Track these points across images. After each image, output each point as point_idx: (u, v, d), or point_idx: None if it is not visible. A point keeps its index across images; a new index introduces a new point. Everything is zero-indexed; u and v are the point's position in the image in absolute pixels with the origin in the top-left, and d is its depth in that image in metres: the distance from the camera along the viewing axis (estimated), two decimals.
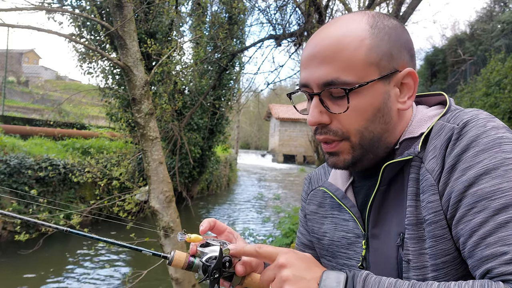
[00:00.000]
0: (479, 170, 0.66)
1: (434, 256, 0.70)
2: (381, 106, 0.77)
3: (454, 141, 0.70)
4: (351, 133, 0.77)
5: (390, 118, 0.79)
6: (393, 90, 0.78)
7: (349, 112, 0.75)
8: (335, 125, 0.77)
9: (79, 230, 0.79)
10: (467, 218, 0.66)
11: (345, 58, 0.74)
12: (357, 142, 0.78)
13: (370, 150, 0.79)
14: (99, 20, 3.25)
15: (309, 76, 0.77)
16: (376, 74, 0.75)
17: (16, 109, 18.26)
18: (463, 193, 0.66)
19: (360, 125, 0.77)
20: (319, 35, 0.79)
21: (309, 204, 1.00)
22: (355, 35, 0.76)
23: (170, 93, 6.71)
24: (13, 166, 7.61)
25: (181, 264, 0.76)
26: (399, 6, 5.98)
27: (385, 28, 0.77)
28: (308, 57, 0.78)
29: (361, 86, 0.74)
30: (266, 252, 0.73)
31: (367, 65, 0.75)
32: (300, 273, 0.69)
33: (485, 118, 0.71)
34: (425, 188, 0.72)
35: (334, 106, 0.77)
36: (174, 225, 3.44)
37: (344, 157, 0.79)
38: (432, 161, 0.72)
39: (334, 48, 0.75)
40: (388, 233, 0.78)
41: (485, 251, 0.62)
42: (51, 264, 6.74)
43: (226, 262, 0.74)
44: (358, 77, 0.74)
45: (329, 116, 0.77)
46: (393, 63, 0.77)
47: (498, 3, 16.05)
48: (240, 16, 8.13)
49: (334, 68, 0.74)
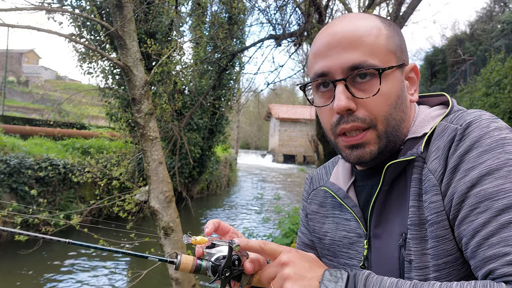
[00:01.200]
0: (482, 171, 0.66)
1: (436, 256, 0.70)
2: (400, 93, 0.79)
3: (457, 141, 0.70)
4: (379, 120, 0.76)
5: (407, 107, 0.80)
6: (405, 81, 0.81)
7: (377, 96, 0.75)
8: (361, 112, 0.76)
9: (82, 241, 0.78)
10: (470, 218, 0.66)
11: (369, 43, 0.75)
12: (384, 130, 0.77)
13: (392, 140, 0.78)
14: (99, 20, 3.25)
15: (332, 63, 0.76)
16: (394, 61, 0.78)
17: (16, 109, 18.26)
18: (466, 194, 0.66)
19: (386, 110, 0.76)
20: (335, 26, 0.79)
21: (310, 203, 1.00)
22: (373, 24, 0.78)
23: (170, 93, 6.71)
24: (13, 166, 7.60)
25: (189, 267, 0.75)
26: (399, 6, 5.98)
27: (391, 24, 0.81)
28: (327, 45, 0.77)
29: (390, 69, 0.76)
30: (270, 249, 0.73)
31: (388, 52, 0.77)
32: (301, 271, 0.69)
33: (488, 119, 0.71)
34: (428, 189, 0.72)
35: (359, 92, 0.76)
36: (174, 225, 3.44)
37: (371, 148, 0.77)
38: (435, 162, 0.72)
39: (359, 34, 0.76)
40: (390, 233, 0.78)
41: (488, 252, 0.62)
42: (51, 264, 6.74)
43: (235, 260, 0.74)
44: (382, 62, 0.76)
45: (355, 102, 0.76)
46: (403, 56, 0.80)
47: (498, 3, 16.06)
48: (240, 16, 8.12)
49: (360, 52, 0.75)
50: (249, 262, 0.74)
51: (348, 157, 0.80)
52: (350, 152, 0.79)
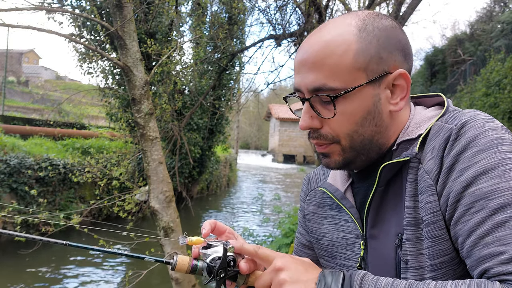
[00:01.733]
0: (477, 170, 0.66)
1: (432, 256, 0.71)
2: (371, 109, 0.77)
3: (452, 141, 0.70)
4: (341, 137, 0.79)
5: (382, 120, 0.79)
6: (384, 93, 0.78)
7: (338, 116, 0.77)
8: (325, 129, 0.79)
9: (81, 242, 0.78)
10: (465, 218, 0.66)
11: (332, 64, 0.75)
12: (347, 145, 0.79)
13: (362, 152, 0.80)
14: (99, 20, 3.25)
15: (300, 81, 0.79)
16: (363, 78, 0.76)
17: (16, 109, 18.28)
18: (461, 193, 0.67)
19: (349, 129, 0.78)
20: (310, 40, 0.80)
21: (308, 204, 1.00)
22: (342, 39, 0.76)
23: (170, 93, 6.72)
24: (13, 166, 7.61)
25: (185, 268, 0.75)
26: (399, 6, 5.98)
27: (374, 30, 0.77)
28: (299, 62, 0.80)
29: (346, 93, 0.75)
30: (264, 254, 0.73)
31: (354, 70, 0.75)
32: (297, 275, 0.69)
33: (484, 119, 0.71)
34: (424, 189, 0.72)
35: (324, 111, 0.78)
36: (174, 225, 3.44)
37: (335, 158, 0.81)
38: (430, 162, 0.73)
39: (322, 54, 0.76)
40: (386, 234, 0.78)
41: (483, 251, 0.63)
42: (51, 264, 6.74)
43: (230, 261, 0.74)
44: (345, 83, 0.75)
45: (320, 120, 0.79)
46: (382, 66, 0.77)
47: (498, 3, 16.06)
48: (240, 16, 8.13)
49: (322, 74, 0.76)
50: (244, 263, 0.74)
51: (320, 161, 0.85)
52: (321, 158, 0.84)
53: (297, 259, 0.73)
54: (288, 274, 0.69)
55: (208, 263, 0.74)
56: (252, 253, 0.74)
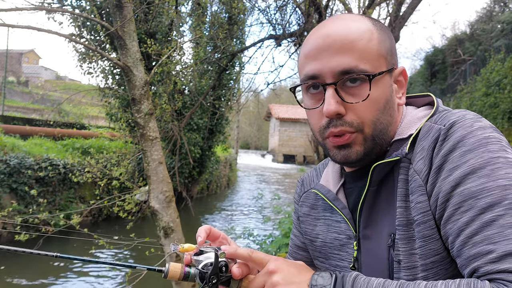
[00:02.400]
0: (466, 170, 0.66)
1: (424, 256, 0.71)
2: (389, 98, 0.79)
3: (441, 141, 0.70)
4: (366, 124, 0.77)
5: (394, 111, 0.81)
6: (393, 85, 0.81)
7: (366, 101, 0.75)
8: (350, 116, 0.76)
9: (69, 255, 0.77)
10: (454, 217, 0.66)
11: (361, 48, 0.75)
12: (370, 134, 0.77)
13: (379, 143, 0.79)
14: (99, 20, 3.26)
15: (322, 66, 0.76)
16: (385, 66, 0.78)
17: (16, 109, 18.27)
18: (450, 193, 0.67)
19: (374, 115, 0.77)
20: (327, 28, 0.79)
21: (301, 206, 1.00)
22: (366, 27, 0.78)
23: (170, 93, 6.71)
24: (13, 166, 7.61)
25: (177, 275, 0.76)
26: (399, 6, 5.99)
27: (382, 27, 0.81)
28: (318, 48, 0.77)
29: (380, 74, 0.76)
30: (257, 258, 0.73)
31: (379, 57, 0.77)
32: (289, 277, 0.69)
33: (472, 118, 0.71)
34: (414, 189, 0.73)
35: (349, 97, 0.76)
36: (174, 225, 3.44)
37: (357, 148, 0.78)
38: (420, 162, 0.73)
39: (352, 37, 0.75)
40: (379, 234, 0.79)
41: (472, 250, 0.63)
42: (51, 264, 6.74)
43: (223, 266, 0.74)
44: (373, 67, 0.76)
45: (344, 107, 0.76)
46: (392, 60, 0.80)
47: (498, 3, 16.06)
48: (240, 16, 8.13)
49: (352, 57, 0.75)
50: (237, 267, 0.74)
51: (335, 156, 0.80)
52: (337, 152, 0.79)
53: (290, 262, 0.73)
54: (281, 276, 0.69)
55: (200, 270, 0.74)
56: (246, 257, 0.74)
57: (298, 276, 0.70)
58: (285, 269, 0.70)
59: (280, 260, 0.72)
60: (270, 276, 0.70)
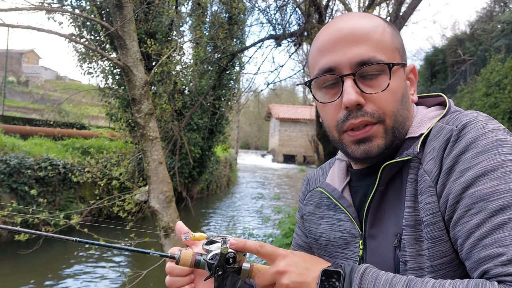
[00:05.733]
0: (477, 172, 0.65)
1: (432, 257, 0.70)
2: (404, 91, 0.79)
3: (453, 142, 0.70)
4: (387, 115, 0.76)
5: (410, 106, 0.81)
6: (406, 81, 0.82)
7: (385, 92, 0.75)
8: (370, 106, 0.75)
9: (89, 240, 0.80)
10: (464, 219, 0.65)
11: (377, 39, 0.76)
12: (391, 125, 0.76)
13: (398, 137, 0.78)
14: (99, 20, 3.25)
15: (339, 58, 0.76)
16: (399, 59, 0.79)
17: (16, 109, 18.27)
18: (461, 195, 0.66)
19: (394, 106, 0.76)
20: (340, 22, 0.79)
21: (306, 205, 1.00)
22: (379, 21, 0.79)
23: (170, 93, 6.72)
24: (13, 166, 7.60)
25: (188, 262, 0.76)
26: (399, 6, 5.98)
27: (392, 25, 0.83)
28: (333, 40, 0.77)
29: (398, 65, 0.77)
30: (266, 252, 0.73)
31: (394, 49, 0.78)
32: (298, 278, 0.69)
33: (484, 120, 0.71)
34: (423, 190, 0.72)
35: (367, 88, 0.76)
36: (174, 225, 3.44)
37: (378, 142, 0.76)
38: (430, 163, 0.72)
39: (367, 29, 0.76)
40: (385, 234, 0.78)
41: (482, 253, 0.62)
42: (51, 264, 6.74)
43: (230, 258, 0.74)
44: (390, 59, 0.76)
45: (363, 98, 0.76)
46: (404, 56, 0.82)
47: (498, 3, 16.05)
48: (240, 16, 8.13)
49: (369, 47, 0.75)
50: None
51: (355, 152, 0.78)
52: (356, 147, 0.77)
53: (299, 257, 0.73)
54: (290, 278, 0.69)
55: (207, 261, 0.74)
56: (255, 250, 0.74)
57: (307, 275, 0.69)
58: (294, 270, 0.70)
59: (289, 257, 0.72)
60: (280, 277, 0.70)
